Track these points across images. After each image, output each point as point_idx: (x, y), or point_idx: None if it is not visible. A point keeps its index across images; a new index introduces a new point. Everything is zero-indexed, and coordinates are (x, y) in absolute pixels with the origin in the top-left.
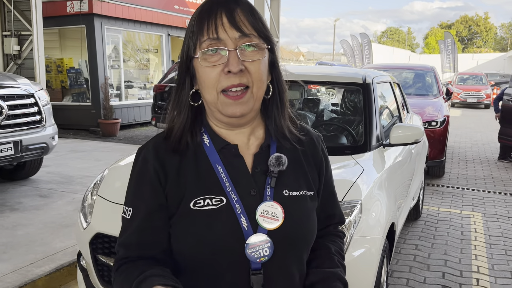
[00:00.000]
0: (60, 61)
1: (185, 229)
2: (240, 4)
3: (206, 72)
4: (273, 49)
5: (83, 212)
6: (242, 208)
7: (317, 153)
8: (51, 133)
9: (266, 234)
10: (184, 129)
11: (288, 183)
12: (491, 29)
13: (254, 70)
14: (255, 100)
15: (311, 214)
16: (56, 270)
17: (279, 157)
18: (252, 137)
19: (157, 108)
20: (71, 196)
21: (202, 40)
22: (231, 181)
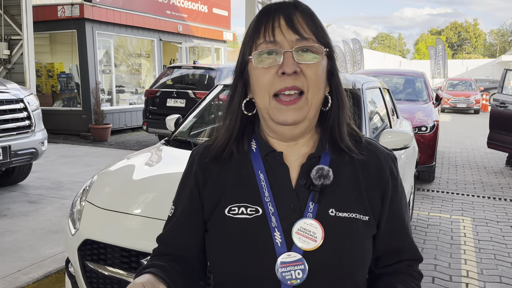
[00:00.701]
0: (51, 65)
1: (215, 236)
2: (299, 8)
3: (259, 74)
4: (332, 56)
5: (72, 218)
6: (278, 222)
7: (382, 173)
8: (40, 138)
9: (301, 255)
10: (230, 138)
11: (338, 201)
12: (480, 35)
13: (310, 74)
14: (310, 107)
15: (362, 242)
16: (44, 277)
17: (320, 168)
18: (304, 148)
19: (149, 113)
20: (61, 201)
21: (258, 43)
22: (271, 191)
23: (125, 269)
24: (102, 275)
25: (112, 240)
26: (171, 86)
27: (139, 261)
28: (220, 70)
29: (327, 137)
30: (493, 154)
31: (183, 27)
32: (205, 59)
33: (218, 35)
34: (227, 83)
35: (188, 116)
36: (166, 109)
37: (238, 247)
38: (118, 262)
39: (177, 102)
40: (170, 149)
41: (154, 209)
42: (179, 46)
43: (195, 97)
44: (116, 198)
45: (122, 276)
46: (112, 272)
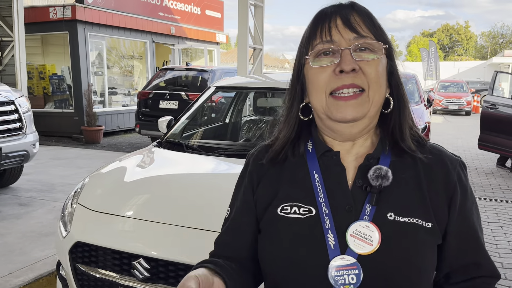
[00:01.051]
0: (43, 67)
1: (267, 235)
2: (356, 8)
3: (315, 74)
4: (391, 55)
5: (63, 221)
6: (331, 224)
7: (449, 178)
8: (31, 140)
9: (356, 259)
10: (287, 143)
11: (397, 205)
12: (471, 38)
13: (370, 71)
14: (371, 104)
15: (423, 250)
16: (35, 280)
17: (378, 168)
18: (361, 148)
19: (141, 115)
20: (52, 204)
21: (315, 43)
22: (325, 192)
23: (117, 271)
24: (93, 278)
25: (103, 242)
26: (164, 88)
27: (131, 263)
28: (213, 72)
29: (388, 139)
30: (484, 155)
31: (176, 29)
32: (198, 61)
33: (211, 37)
34: (220, 85)
35: (180, 118)
36: (159, 111)
37: (289, 247)
38: (110, 264)
39: (170, 104)
40: (162, 151)
41: (146, 211)
42: (172, 48)
43: (188, 99)
44: (107, 200)
45: (114, 278)
46: (104, 274)
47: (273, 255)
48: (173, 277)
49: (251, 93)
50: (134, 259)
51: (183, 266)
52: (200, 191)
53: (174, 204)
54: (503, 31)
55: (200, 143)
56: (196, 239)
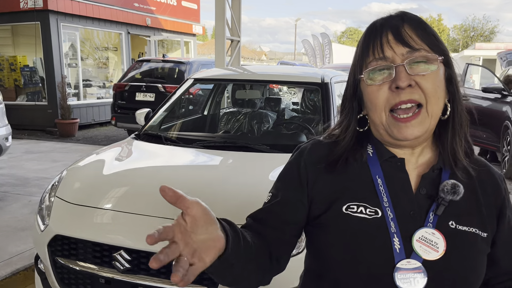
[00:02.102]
0: (13, 58)
1: (331, 231)
2: (406, 19)
3: (372, 91)
4: (449, 62)
5: (41, 214)
6: (397, 228)
7: (498, 192)
8: (4, 134)
9: (421, 263)
10: (344, 152)
11: (457, 215)
12: (444, 31)
13: (427, 85)
14: (430, 119)
15: (480, 258)
16: (12, 274)
17: (456, 185)
18: (421, 157)
19: (117, 108)
20: (27, 198)
21: (368, 61)
22: (389, 197)
23: (97, 263)
24: (73, 271)
25: (83, 235)
26: (140, 80)
27: (112, 255)
28: (190, 64)
29: (445, 150)
30: None
31: (152, 20)
32: (174, 52)
33: (188, 28)
34: (198, 77)
35: (158, 110)
36: (135, 103)
37: (355, 245)
38: (90, 257)
39: (147, 96)
40: (141, 143)
41: (125, 203)
42: (147, 40)
43: (165, 91)
44: (86, 193)
45: (94, 270)
46: (84, 267)
47: (338, 253)
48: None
49: (230, 85)
50: (115, 251)
51: None
52: (180, 182)
53: (154, 196)
54: (474, 24)
55: (179, 135)
56: None
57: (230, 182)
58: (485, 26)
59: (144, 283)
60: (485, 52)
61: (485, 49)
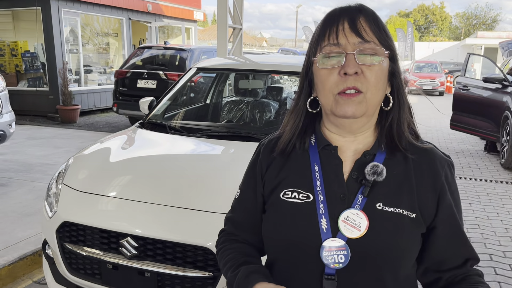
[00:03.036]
0: (14, 44)
1: (270, 216)
2: (363, 12)
3: (323, 75)
4: (394, 58)
5: (48, 201)
6: (325, 210)
7: (437, 177)
8: (8, 120)
9: (345, 241)
10: (294, 134)
11: (386, 196)
12: (446, 18)
13: (371, 76)
14: (367, 105)
15: (406, 237)
16: (19, 259)
17: (375, 166)
18: (359, 144)
19: (119, 94)
20: (31, 184)
21: (323, 45)
22: (323, 181)
23: (105, 249)
24: (81, 256)
25: (91, 222)
26: (141, 67)
27: (119, 241)
28: (191, 51)
29: (385, 136)
30: (455, 135)
31: (153, 6)
32: (175, 39)
33: (189, 15)
34: (201, 66)
35: (162, 99)
36: (137, 90)
37: (288, 228)
38: (97, 243)
39: (148, 83)
40: (145, 132)
41: (130, 191)
42: (148, 26)
43: (166, 78)
44: (93, 181)
45: (102, 256)
46: (92, 253)
47: (273, 234)
48: (161, 255)
49: (232, 74)
50: (122, 238)
51: (170, 244)
52: (185, 171)
53: (160, 184)
54: (477, 12)
55: (182, 124)
56: (183, 218)
57: (232, 171)
58: (488, 14)
59: (150, 269)
60: (487, 41)
61: (487, 38)
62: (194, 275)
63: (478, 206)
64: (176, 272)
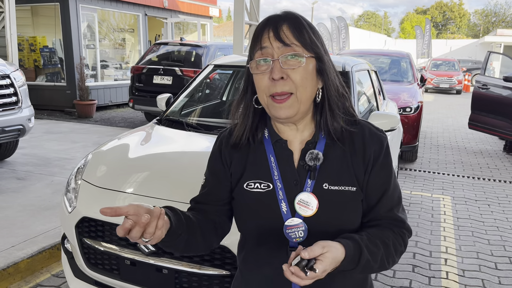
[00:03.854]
0: (33, 39)
1: (238, 204)
2: (287, 20)
3: (257, 79)
4: (320, 58)
5: (68, 197)
6: (284, 195)
7: (367, 149)
8: (27, 115)
9: (302, 220)
10: (245, 128)
11: (330, 177)
12: (464, 15)
13: (296, 77)
14: (300, 103)
15: (350, 208)
16: (38, 252)
17: (311, 152)
18: (303, 134)
19: (135, 90)
20: (49, 178)
21: (254, 51)
22: (279, 171)
23: (123, 245)
24: (100, 251)
25: (109, 217)
26: (157, 63)
27: None
28: (207, 48)
29: (322, 124)
30: (473, 134)
31: (169, 2)
32: (190, 35)
33: (204, 11)
34: (218, 63)
35: (179, 96)
36: (153, 86)
37: (255, 214)
38: (116, 239)
39: (164, 79)
40: (163, 129)
41: (149, 187)
42: (164, 22)
43: (182, 74)
44: (111, 177)
45: (120, 252)
46: (110, 248)
47: (243, 219)
48: None
49: None
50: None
51: None
52: (203, 168)
53: (177, 181)
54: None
55: (199, 121)
56: None
57: None
58: (507, 12)
59: (168, 266)
60: (507, 39)
61: (507, 36)
62: (212, 273)
63: (497, 207)
64: (194, 270)
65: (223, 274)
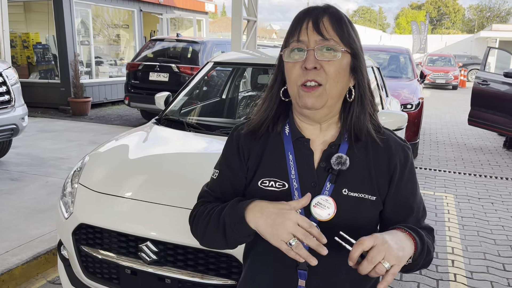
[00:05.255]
0: (26, 35)
1: None
2: (328, 13)
3: (289, 67)
4: (356, 55)
5: (64, 201)
6: (300, 196)
7: (392, 160)
8: (21, 113)
9: (317, 224)
10: (267, 119)
11: (350, 183)
12: (459, 11)
13: (330, 70)
14: (328, 96)
15: (367, 217)
16: (33, 258)
17: (339, 156)
18: (327, 134)
19: (131, 87)
20: (44, 179)
21: (290, 41)
22: (296, 170)
23: (123, 254)
24: (98, 260)
25: (109, 224)
26: (153, 60)
27: (138, 246)
28: (204, 44)
29: (347, 127)
30: (472, 130)
31: None
32: (185, 30)
33: (200, 6)
34: (218, 61)
35: (179, 94)
36: (149, 83)
37: None
38: (115, 246)
39: (160, 76)
40: (162, 129)
41: (150, 192)
42: (159, 17)
43: (179, 71)
44: (110, 181)
45: (120, 261)
46: (109, 256)
47: None
48: (182, 260)
49: (249, 69)
50: (141, 242)
51: (192, 249)
52: (208, 172)
53: (180, 186)
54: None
55: (200, 120)
56: None
57: None
58: (502, 7)
59: (171, 275)
60: (502, 34)
61: (502, 31)
62: (217, 282)
63: (501, 206)
64: (198, 280)
65: (228, 284)
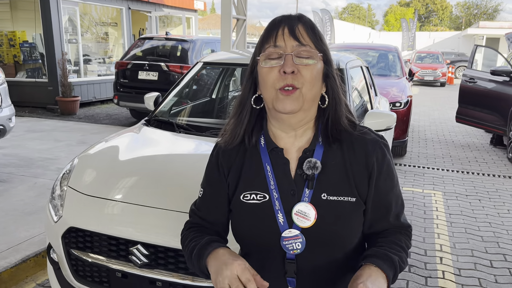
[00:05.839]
0: (12, 34)
1: (235, 216)
2: (302, 20)
3: (265, 72)
4: (328, 61)
5: (53, 204)
6: (280, 206)
7: (369, 159)
8: (8, 114)
9: (300, 231)
10: (241, 128)
11: (329, 187)
12: (447, 8)
13: (305, 73)
14: (304, 99)
15: (349, 220)
16: (22, 261)
17: (309, 161)
18: (301, 140)
19: (120, 86)
20: (32, 180)
21: (266, 47)
22: (275, 180)
23: (113, 257)
24: (88, 263)
25: (99, 228)
26: (142, 58)
27: (128, 249)
28: (193, 42)
29: (322, 132)
30: (459, 127)
31: None
32: (174, 28)
33: (189, 4)
34: (207, 60)
35: (168, 94)
36: (138, 82)
37: (252, 226)
38: (105, 250)
39: (149, 75)
40: (152, 130)
41: (140, 195)
42: (148, 15)
43: (168, 69)
44: (100, 184)
45: (110, 264)
46: (99, 260)
47: (240, 231)
48: (173, 263)
49: (239, 69)
50: (132, 245)
51: (183, 252)
52: (199, 175)
53: (171, 188)
54: (478, 1)
55: (190, 121)
56: None
57: None
58: (489, 4)
59: (162, 278)
60: (489, 31)
61: (489, 28)
62: (208, 285)
63: (488, 202)
64: (189, 282)
65: None
